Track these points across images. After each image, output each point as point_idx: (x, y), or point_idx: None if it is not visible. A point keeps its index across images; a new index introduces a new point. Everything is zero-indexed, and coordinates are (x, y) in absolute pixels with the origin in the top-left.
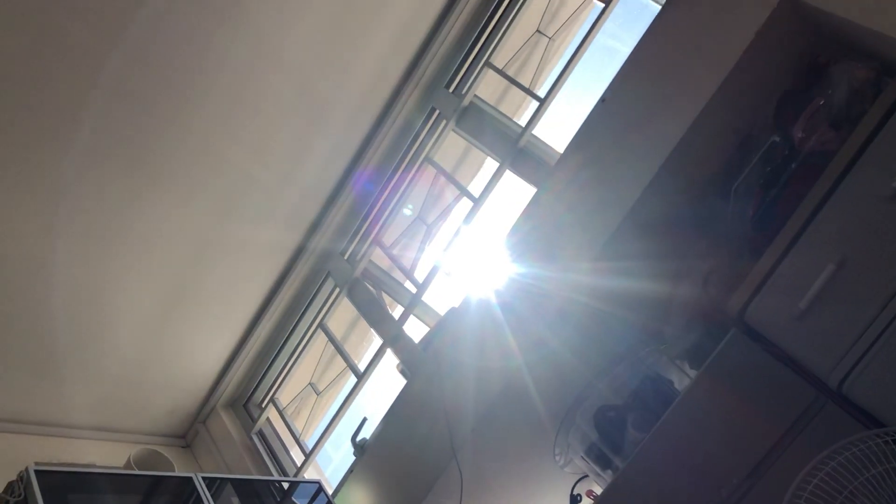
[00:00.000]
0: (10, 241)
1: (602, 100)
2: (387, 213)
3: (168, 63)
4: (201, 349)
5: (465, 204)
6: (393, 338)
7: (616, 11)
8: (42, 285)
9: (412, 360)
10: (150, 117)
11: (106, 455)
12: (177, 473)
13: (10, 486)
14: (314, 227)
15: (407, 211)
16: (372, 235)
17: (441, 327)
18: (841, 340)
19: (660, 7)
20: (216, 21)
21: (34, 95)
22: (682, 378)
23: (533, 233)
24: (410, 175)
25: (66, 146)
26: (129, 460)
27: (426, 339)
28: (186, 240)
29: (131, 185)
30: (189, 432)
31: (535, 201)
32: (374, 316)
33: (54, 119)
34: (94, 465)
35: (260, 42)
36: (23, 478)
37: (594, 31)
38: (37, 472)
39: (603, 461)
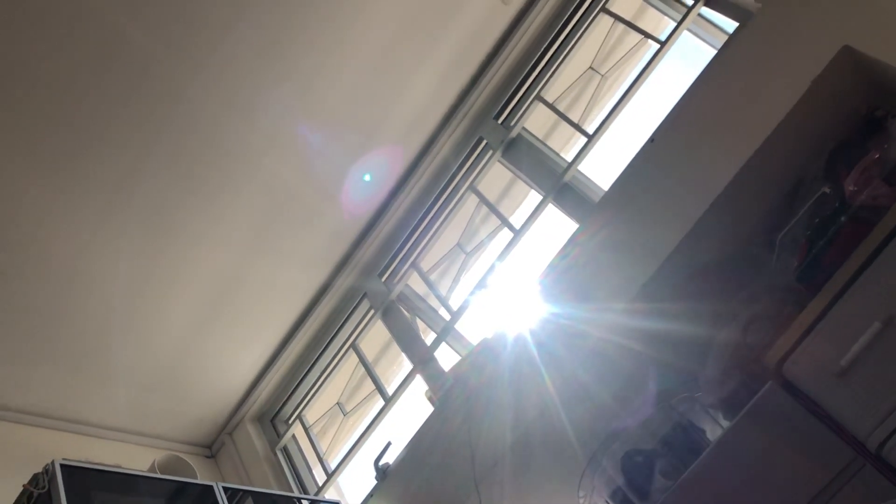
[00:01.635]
0: (58, 240)
1: (651, 140)
2: (427, 239)
3: (226, 79)
4: (234, 361)
5: (506, 235)
6: (423, 364)
7: (671, 53)
8: (85, 285)
9: (441, 388)
10: (198, 130)
11: (132, 457)
12: (198, 481)
13: (35, 477)
14: (355, 247)
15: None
16: (410, 259)
17: (473, 358)
18: (883, 402)
19: (715, 51)
20: (273, 40)
21: (96, 97)
22: (714, 428)
23: (570, 270)
24: (454, 203)
25: (119, 151)
26: (153, 465)
27: (456, 368)
28: (228, 251)
29: (178, 193)
30: (215, 443)
31: (574, 239)
32: (407, 340)
33: (111, 123)
34: (118, 466)
35: (317, 63)
36: (48, 471)
37: (647, 71)
38: (62, 466)
39: None
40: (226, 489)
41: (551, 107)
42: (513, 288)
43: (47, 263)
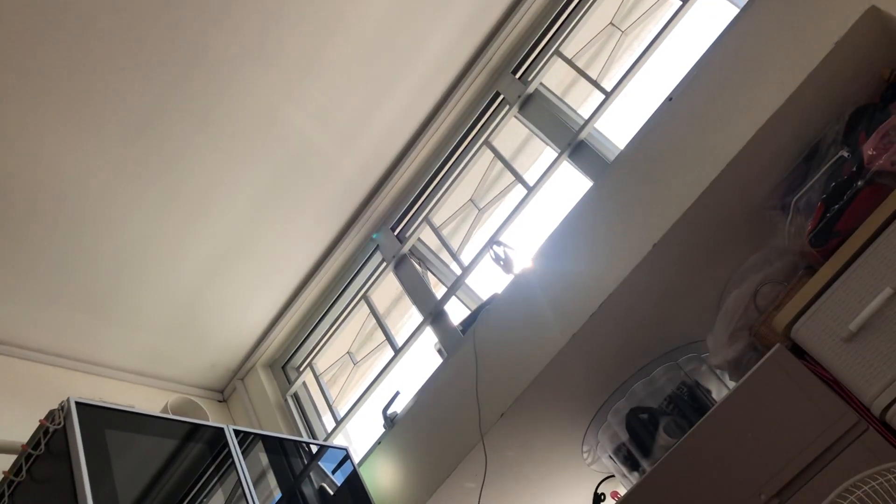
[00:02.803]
0: (75, 183)
1: (669, 98)
2: (441, 194)
3: (238, 26)
4: (248, 308)
5: (519, 191)
6: (433, 316)
7: (693, 10)
8: (101, 228)
9: (450, 341)
10: (217, 78)
11: (145, 399)
12: (209, 423)
13: (51, 414)
14: (369, 199)
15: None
16: (423, 214)
17: (482, 312)
18: (889, 367)
19: (738, 9)
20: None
21: (114, 40)
22: (720, 388)
23: (584, 226)
24: (469, 157)
25: (137, 95)
26: (166, 406)
27: (466, 322)
28: (245, 198)
29: (196, 140)
30: (227, 387)
31: (589, 194)
32: (417, 293)
33: (130, 66)
34: (132, 407)
35: (331, 9)
36: (63, 407)
37: (669, 28)
38: (77, 403)
39: (630, 463)
40: (236, 432)
41: (570, 62)
42: (525, 244)
43: (64, 206)
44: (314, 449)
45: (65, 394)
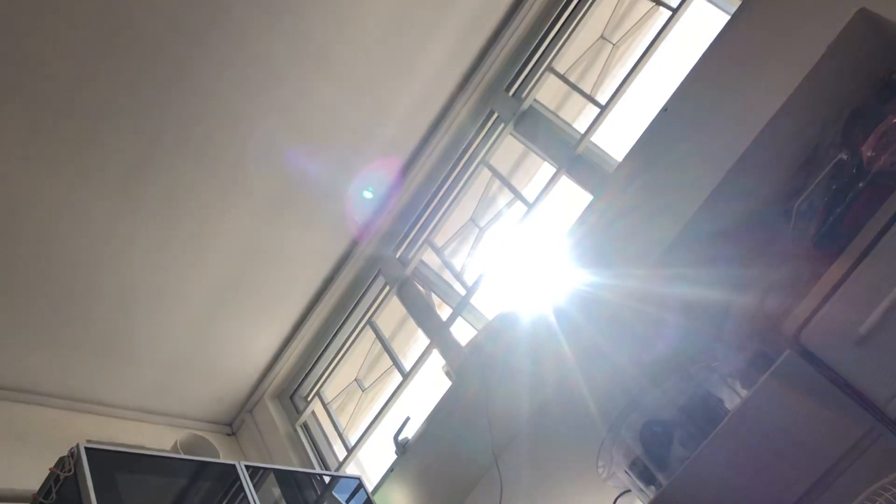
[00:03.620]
0: (76, 225)
1: (664, 109)
2: (440, 214)
3: (231, 63)
4: (252, 339)
5: (519, 208)
6: (440, 339)
7: (683, 19)
8: (104, 268)
9: (458, 363)
10: (211, 113)
11: (154, 437)
12: (221, 460)
13: (60, 461)
14: (369, 222)
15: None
16: (424, 236)
17: (489, 331)
18: None
19: (729, 16)
20: (275, 19)
21: (105, 84)
22: (732, 397)
23: (588, 238)
24: (466, 177)
25: (131, 136)
26: (175, 444)
27: (473, 343)
28: (244, 232)
29: (194, 178)
30: (235, 420)
31: (591, 207)
32: (423, 316)
33: (122, 109)
34: (142, 447)
35: (321, 41)
36: (73, 454)
37: (660, 38)
38: (87, 449)
39: (646, 477)
40: (248, 467)
41: (563, 78)
42: (528, 260)
43: (66, 250)
44: (326, 479)
45: (74, 437)
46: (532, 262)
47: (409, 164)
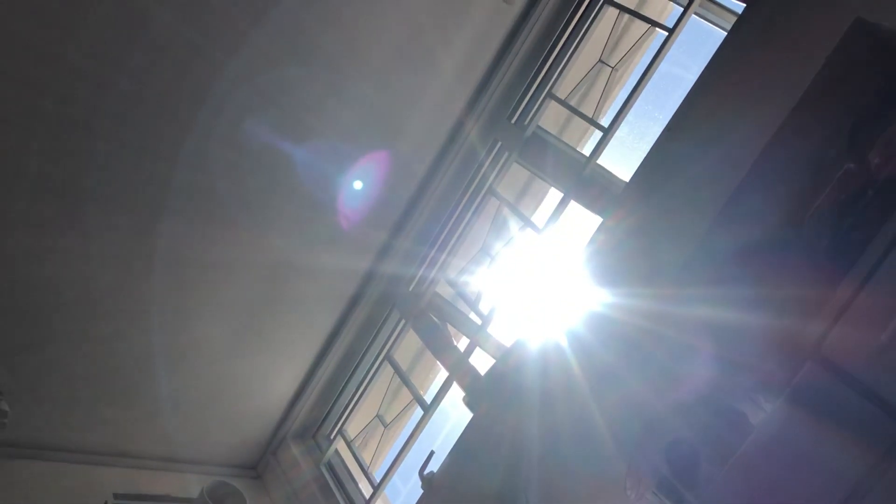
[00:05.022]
0: (90, 277)
1: (667, 129)
2: (451, 245)
3: (245, 101)
4: (271, 381)
5: (530, 234)
6: (459, 370)
7: (680, 39)
8: (120, 320)
9: (478, 393)
10: (228, 158)
11: (180, 486)
12: None
13: None
14: (380, 258)
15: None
16: (436, 268)
17: (507, 359)
18: None
19: (725, 33)
20: (289, 52)
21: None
22: (756, 411)
23: (600, 259)
24: (474, 206)
25: (138, 189)
26: (202, 492)
27: (492, 372)
28: (256, 275)
29: (205, 221)
30: (260, 463)
31: (601, 227)
32: (440, 348)
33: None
34: (168, 497)
35: (328, 72)
36: None
37: (658, 59)
38: None
39: (675, 497)
40: None
41: (564, 103)
42: (542, 285)
43: (91, 308)
44: None
45: (101, 492)
46: (545, 286)
47: (416, 198)
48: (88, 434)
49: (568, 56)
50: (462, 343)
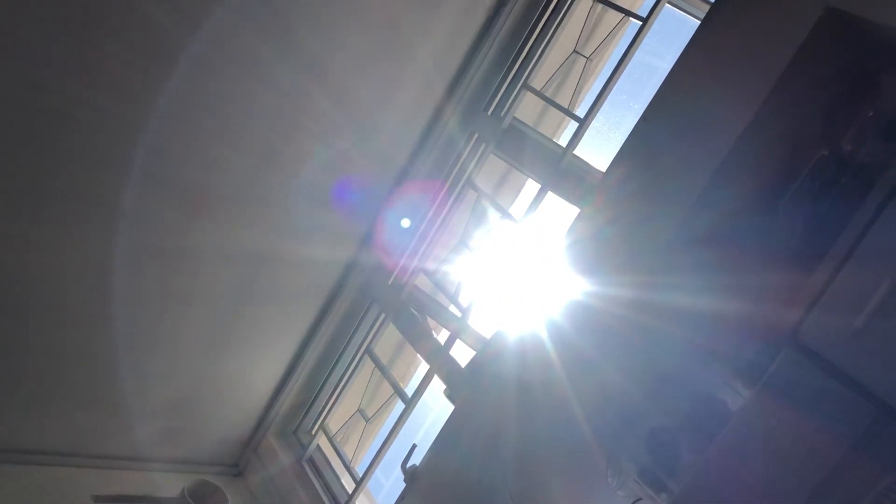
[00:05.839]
0: (64, 276)
1: (643, 118)
2: (430, 237)
3: (216, 82)
4: (251, 378)
5: (509, 225)
6: (439, 363)
7: (654, 28)
8: (96, 319)
9: (459, 385)
10: (198, 151)
11: (161, 485)
12: None
13: None
14: (359, 249)
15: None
16: (415, 261)
17: (487, 350)
18: None
19: (699, 22)
20: (265, 40)
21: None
22: (735, 398)
23: (578, 248)
24: (452, 199)
25: (120, 176)
26: (183, 492)
27: (473, 364)
28: (234, 272)
29: (182, 215)
30: (241, 460)
31: (579, 216)
32: (421, 342)
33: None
34: (149, 497)
35: (306, 62)
36: None
37: (632, 49)
38: None
39: (657, 485)
40: None
41: (539, 94)
42: (521, 275)
43: (61, 310)
44: None
45: (80, 494)
46: (525, 277)
47: (395, 187)
48: (65, 436)
49: (543, 47)
50: (442, 336)
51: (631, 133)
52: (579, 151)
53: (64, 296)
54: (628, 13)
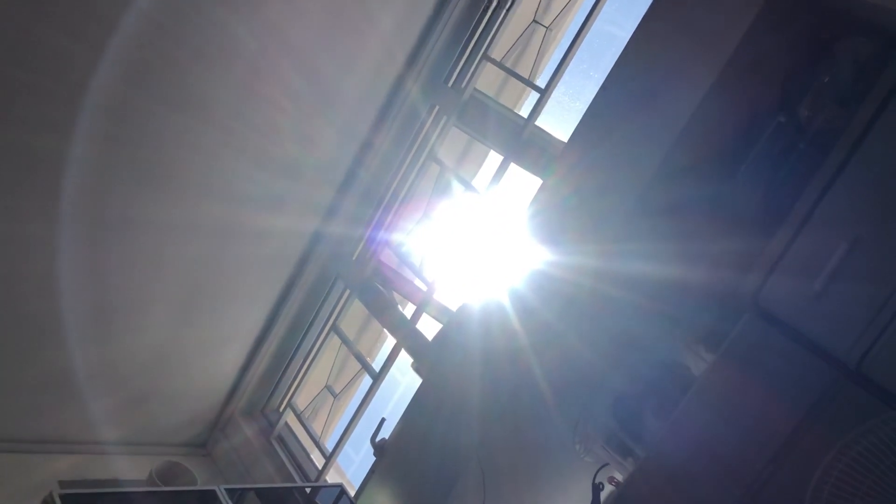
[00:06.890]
0: (16, 257)
1: (603, 87)
2: (393, 211)
3: (178, 50)
4: (216, 357)
5: (473, 197)
6: (406, 337)
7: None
8: (54, 302)
9: (426, 359)
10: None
11: (130, 467)
12: (200, 487)
13: None
14: (324, 221)
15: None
16: (381, 231)
17: (452, 324)
18: (858, 319)
19: None
20: (227, 7)
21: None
22: (698, 363)
23: (541, 218)
24: (414, 173)
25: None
26: (151, 474)
27: (439, 337)
28: (196, 248)
29: (138, 189)
30: (209, 440)
31: (542, 188)
32: (386, 316)
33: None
34: (117, 481)
35: (269, 28)
36: (48, 502)
37: (592, 17)
38: (62, 495)
39: (623, 450)
40: (228, 490)
41: (499, 64)
42: (486, 246)
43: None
44: (308, 491)
45: (48, 480)
46: (489, 248)
47: (354, 168)
48: (27, 422)
49: (501, 17)
50: (409, 310)
51: (591, 103)
52: (541, 122)
53: (21, 269)
54: None
